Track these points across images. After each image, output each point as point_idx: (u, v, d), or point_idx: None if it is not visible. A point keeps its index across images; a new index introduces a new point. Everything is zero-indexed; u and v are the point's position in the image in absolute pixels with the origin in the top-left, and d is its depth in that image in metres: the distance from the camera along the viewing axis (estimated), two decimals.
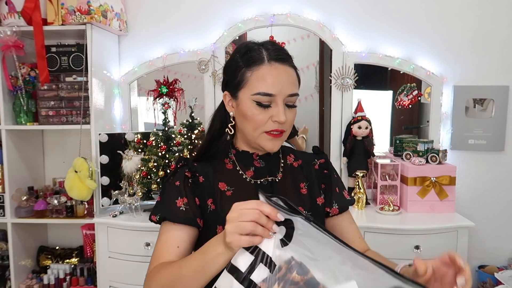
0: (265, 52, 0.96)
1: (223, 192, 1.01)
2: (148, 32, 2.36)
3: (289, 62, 0.98)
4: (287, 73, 0.96)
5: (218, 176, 1.03)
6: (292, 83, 0.96)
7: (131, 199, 2.01)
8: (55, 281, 2.24)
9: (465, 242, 1.84)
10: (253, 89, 0.94)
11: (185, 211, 0.98)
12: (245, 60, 0.97)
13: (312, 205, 1.04)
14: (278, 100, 0.94)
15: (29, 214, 2.21)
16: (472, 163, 2.28)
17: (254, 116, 0.95)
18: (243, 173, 1.03)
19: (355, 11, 2.26)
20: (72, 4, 1.98)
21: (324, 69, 2.45)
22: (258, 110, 0.95)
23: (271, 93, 0.93)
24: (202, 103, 2.29)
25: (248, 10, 2.27)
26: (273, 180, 1.04)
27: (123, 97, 2.36)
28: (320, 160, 1.12)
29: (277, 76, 0.94)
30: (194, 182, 1.01)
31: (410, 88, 2.27)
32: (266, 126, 0.96)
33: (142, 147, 2.12)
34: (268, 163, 1.05)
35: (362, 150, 2.19)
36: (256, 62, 0.95)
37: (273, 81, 0.93)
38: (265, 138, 0.97)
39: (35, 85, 2.19)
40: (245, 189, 1.02)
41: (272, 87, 0.93)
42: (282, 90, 0.94)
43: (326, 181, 1.10)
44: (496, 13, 2.21)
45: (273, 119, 0.95)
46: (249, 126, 0.97)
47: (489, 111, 2.25)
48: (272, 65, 0.95)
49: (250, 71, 0.95)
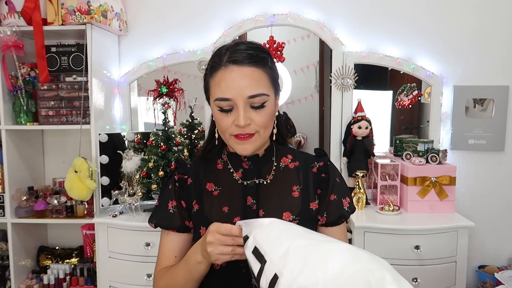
0: (226, 56, 0.93)
1: (210, 192, 1.03)
2: (148, 32, 2.36)
3: (248, 61, 0.92)
4: (244, 74, 0.91)
5: (208, 176, 1.05)
6: (251, 83, 0.91)
7: (131, 199, 2.01)
8: (55, 281, 2.24)
9: (465, 242, 1.84)
10: (213, 95, 0.95)
11: (174, 214, 1.04)
12: (210, 66, 0.97)
13: (303, 209, 1.00)
14: (239, 103, 0.91)
15: (29, 214, 2.20)
16: (472, 163, 2.28)
17: (219, 121, 0.96)
18: (234, 172, 1.04)
19: (355, 11, 2.26)
20: (72, 4, 1.98)
21: (324, 69, 2.45)
22: (221, 115, 0.94)
23: (227, 97, 0.91)
24: (202, 103, 2.28)
25: (248, 10, 2.26)
26: (261, 182, 1.02)
27: (123, 97, 2.36)
28: (319, 163, 1.06)
29: (231, 79, 0.91)
30: (181, 185, 1.05)
31: (410, 88, 2.27)
32: (231, 130, 0.95)
33: (142, 147, 2.12)
34: (257, 164, 1.04)
35: (362, 150, 2.19)
36: (215, 68, 0.94)
37: (227, 85, 0.91)
38: (234, 141, 0.97)
39: (35, 85, 2.19)
40: (232, 190, 1.02)
41: (227, 91, 0.91)
42: (239, 93, 0.90)
43: (323, 186, 1.03)
44: (496, 13, 2.21)
45: (234, 123, 0.93)
46: (219, 130, 0.99)
47: (489, 111, 2.25)
48: (227, 68, 0.92)
49: (211, 77, 0.95)
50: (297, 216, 0.99)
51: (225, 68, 0.92)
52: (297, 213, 1.00)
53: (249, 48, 0.95)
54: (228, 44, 0.98)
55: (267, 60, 0.96)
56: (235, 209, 1.00)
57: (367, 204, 2.15)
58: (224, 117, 0.94)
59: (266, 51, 0.98)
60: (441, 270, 1.83)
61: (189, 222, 1.04)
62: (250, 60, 0.92)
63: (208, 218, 0.99)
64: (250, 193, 1.01)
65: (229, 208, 1.00)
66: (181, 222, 1.03)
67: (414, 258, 1.81)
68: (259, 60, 0.94)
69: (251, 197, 1.01)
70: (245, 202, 1.00)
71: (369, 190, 2.26)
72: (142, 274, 1.93)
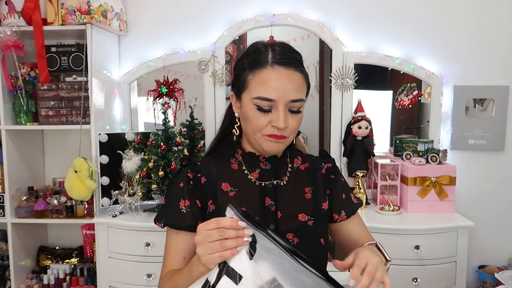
0: (270, 55, 0.93)
1: (226, 193, 1.01)
2: (148, 32, 2.36)
3: (294, 65, 0.93)
4: (290, 77, 0.92)
5: (222, 175, 1.02)
6: (295, 88, 0.93)
7: (131, 199, 2.01)
8: (55, 281, 2.24)
9: (465, 242, 1.84)
10: (254, 93, 0.93)
11: (186, 214, 0.99)
12: (250, 62, 0.95)
13: (315, 210, 1.03)
14: (279, 105, 0.91)
15: (29, 214, 2.20)
16: (472, 163, 2.28)
17: (254, 119, 0.94)
18: (248, 173, 1.02)
19: (355, 11, 2.26)
20: (72, 4, 1.98)
21: (324, 69, 2.45)
22: (258, 114, 0.93)
23: (271, 98, 0.91)
24: (202, 103, 2.29)
25: (248, 10, 2.26)
26: (278, 183, 1.03)
27: (123, 97, 2.36)
28: (327, 165, 1.11)
29: (278, 80, 0.91)
30: (195, 183, 1.00)
31: (410, 88, 2.27)
32: (266, 130, 0.94)
33: (142, 147, 2.12)
34: (275, 165, 1.04)
35: (362, 150, 2.19)
36: (258, 65, 0.93)
37: (274, 85, 0.91)
38: (266, 139, 0.96)
39: (35, 85, 2.19)
40: (249, 191, 1.01)
41: (272, 92, 0.91)
42: (284, 96, 0.91)
43: (332, 186, 1.09)
44: (497, 13, 2.21)
45: (272, 124, 0.93)
46: (250, 128, 0.97)
47: (489, 111, 2.25)
48: (275, 68, 0.92)
49: (252, 73, 0.94)
50: (312, 217, 1.02)
51: (272, 68, 0.92)
52: (311, 214, 1.02)
53: (291, 50, 0.96)
54: (262, 42, 0.98)
55: (304, 66, 0.98)
56: (253, 210, 0.99)
57: (367, 204, 2.15)
58: (261, 116, 0.93)
59: (301, 55, 1.00)
60: (441, 270, 1.83)
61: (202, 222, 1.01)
62: (295, 64, 0.94)
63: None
64: (268, 194, 1.01)
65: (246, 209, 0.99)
66: (193, 222, 0.98)
67: (414, 258, 1.81)
68: (300, 65, 0.96)
69: (269, 198, 1.00)
70: (263, 203, 1.00)
71: (369, 190, 2.26)
72: (142, 274, 1.93)
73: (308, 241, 1.00)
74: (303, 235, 0.99)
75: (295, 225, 1.00)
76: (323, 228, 1.05)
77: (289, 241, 0.97)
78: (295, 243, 0.97)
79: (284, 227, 0.99)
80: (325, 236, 1.04)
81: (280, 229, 0.98)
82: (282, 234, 0.97)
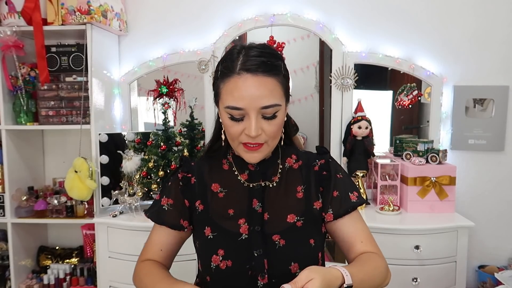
0: (240, 61, 0.89)
1: (215, 193, 1.02)
2: (148, 32, 2.36)
3: (263, 70, 0.88)
4: (258, 84, 0.88)
5: (213, 176, 1.05)
6: (266, 94, 0.88)
7: (131, 199, 2.01)
8: (55, 281, 2.24)
9: (465, 242, 1.84)
10: (225, 102, 0.91)
11: (168, 212, 1.03)
12: (221, 70, 0.93)
13: (307, 210, 1.01)
14: (250, 113, 0.88)
15: (29, 214, 2.21)
16: (472, 163, 2.28)
17: (228, 128, 0.93)
18: (238, 174, 1.03)
19: (355, 11, 2.26)
20: (72, 4, 1.98)
21: (324, 69, 2.45)
22: (231, 123, 0.92)
23: (239, 106, 0.88)
24: (202, 103, 2.29)
25: (248, 10, 2.26)
26: (267, 184, 1.02)
27: (123, 97, 2.36)
28: (320, 161, 1.05)
29: (245, 88, 0.87)
30: (184, 184, 1.04)
31: (410, 88, 2.27)
32: (241, 138, 0.93)
33: (142, 147, 2.12)
34: (263, 167, 1.03)
35: (362, 150, 2.19)
36: (227, 73, 0.90)
37: (240, 94, 0.88)
38: (242, 149, 0.95)
39: (35, 85, 2.19)
40: (238, 192, 1.02)
41: (240, 100, 0.88)
42: (252, 103, 0.88)
43: (325, 183, 1.03)
44: (496, 13, 2.21)
45: (245, 132, 0.91)
46: (228, 136, 0.97)
47: (489, 111, 2.25)
48: (241, 76, 0.88)
49: (222, 83, 0.92)
50: (301, 217, 0.99)
51: (239, 76, 0.88)
52: (301, 214, 1.00)
53: (263, 54, 0.91)
54: (240, 45, 0.94)
55: (280, 68, 0.93)
56: (240, 211, 1.00)
57: (367, 204, 2.15)
58: (234, 125, 0.92)
59: (279, 57, 0.95)
60: (441, 270, 1.83)
61: (185, 221, 1.03)
62: (264, 68, 0.89)
63: (213, 220, 1.00)
64: (255, 196, 1.01)
65: (234, 210, 1.00)
66: (174, 220, 1.03)
67: (414, 258, 1.81)
68: (273, 68, 0.90)
69: (256, 200, 1.00)
70: (250, 205, 1.00)
71: (369, 190, 2.26)
72: None
73: (296, 243, 0.97)
74: (290, 237, 0.97)
75: (282, 227, 0.97)
76: (314, 229, 1.01)
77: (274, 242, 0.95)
78: (281, 245, 0.95)
79: (270, 228, 0.97)
80: (316, 236, 1.00)
81: (266, 231, 0.97)
82: (268, 236, 0.96)
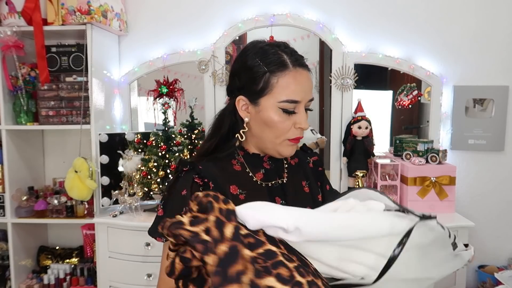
0: (286, 56, 0.92)
1: (236, 196, 0.95)
2: (148, 32, 2.36)
3: (307, 66, 0.96)
4: (308, 78, 0.95)
5: (228, 178, 0.96)
6: (311, 87, 0.96)
7: (131, 199, 2.01)
8: (55, 281, 2.24)
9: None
10: (280, 96, 0.90)
11: None
12: (267, 64, 0.91)
13: (314, 203, 1.05)
14: (301, 107, 0.93)
15: (29, 214, 2.21)
16: (472, 163, 2.28)
17: (279, 123, 0.92)
18: (253, 175, 0.99)
19: (355, 11, 2.26)
20: (72, 4, 1.98)
21: (324, 69, 2.45)
22: (283, 117, 0.92)
23: (298, 99, 0.91)
24: (202, 103, 2.29)
25: (248, 10, 2.27)
26: (282, 181, 1.02)
27: (123, 97, 2.36)
28: (313, 158, 1.13)
29: (302, 82, 0.92)
30: (204, 189, 0.91)
31: (410, 88, 2.27)
32: (289, 134, 0.93)
33: (142, 147, 2.12)
34: (276, 164, 1.03)
35: (362, 150, 2.19)
36: (280, 68, 0.91)
37: (299, 87, 0.92)
38: (287, 144, 0.95)
39: (35, 85, 2.19)
40: (258, 193, 0.97)
41: (299, 93, 0.91)
42: (306, 96, 0.93)
43: (322, 178, 1.12)
44: (496, 13, 2.21)
45: (296, 126, 0.93)
46: (271, 133, 0.94)
47: (489, 111, 2.25)
48: (297, 71, 0.92)
49: (275, 77, 0.90)
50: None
51: (296, 71, 0.92)
52: (312, 207, 0.99)
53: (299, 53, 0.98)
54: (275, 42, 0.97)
55: None
56: None
57: None
58: (285, 120, 0.92)
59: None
60: None
61: None
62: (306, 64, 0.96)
63: None
64: (277, 194, 0.99)
65: None
66: None
67: None
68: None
69: (279, 198, 0.99)
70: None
71: None
72: (142, 274, 1.93)
73: None
74: None
75: None
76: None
77: None
78: None
79: None
80: None
81: None
82: None
